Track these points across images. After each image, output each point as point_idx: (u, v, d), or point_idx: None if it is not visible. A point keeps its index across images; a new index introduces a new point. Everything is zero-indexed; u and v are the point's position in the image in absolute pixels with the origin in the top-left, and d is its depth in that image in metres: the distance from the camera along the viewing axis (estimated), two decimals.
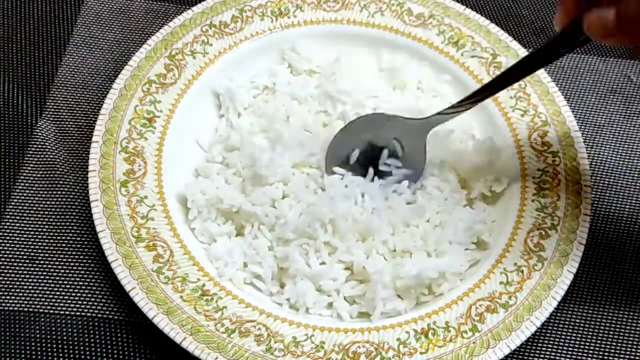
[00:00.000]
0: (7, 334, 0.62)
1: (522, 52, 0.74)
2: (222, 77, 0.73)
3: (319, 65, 0.75)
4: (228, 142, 0.69)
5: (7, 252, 0.66)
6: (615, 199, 0.72)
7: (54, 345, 0.62)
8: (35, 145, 0.72)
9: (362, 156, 0.67)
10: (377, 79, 0.75)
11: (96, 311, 0.63)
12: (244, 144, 0.68)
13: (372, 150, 0.67)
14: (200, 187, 0.65)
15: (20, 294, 0.64)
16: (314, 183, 0.67)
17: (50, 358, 0.61)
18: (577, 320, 0.65)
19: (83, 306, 0.63)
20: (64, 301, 0.63)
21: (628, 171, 0.74)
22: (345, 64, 0.73)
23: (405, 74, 0.74)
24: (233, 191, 0.65)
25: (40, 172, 0.70)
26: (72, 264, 0.65)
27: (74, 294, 0.64)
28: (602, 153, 0.75)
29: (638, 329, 0.65)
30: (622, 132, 0.77)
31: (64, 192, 0.69)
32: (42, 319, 0.63)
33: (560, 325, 0.65)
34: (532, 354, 0.64)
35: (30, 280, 0.64)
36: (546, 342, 0.64)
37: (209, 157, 0.70)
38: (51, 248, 0.66)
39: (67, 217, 0.68)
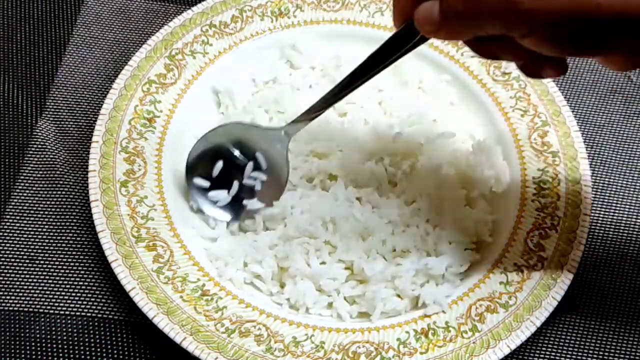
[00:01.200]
0: (7, 334, 0.62)
1: None
2: (222, 77, 0.73)
3: (320, 62, 0.75)
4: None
5: (7, 252, 0.66)
6: (615, 199, 0.72)
7: (54, 345, 0.62)
8: (35, 145, 0.72)
9: (225, 169, 0.65)
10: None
11: (96, 311, 0.63)
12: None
13: (235, 162, 0.65)
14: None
15: (20, 294, 0.64)
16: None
17: (50, 358, 0.61)
18: (577, 320, 0.65)
19: (83, 306, 0.63)
20: (64, 301, 0.63)
21: (628, 171, 0.74)
22: (347, 58, 0.73)
23: (406, 73, 0.74)
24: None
25: (40, 172, 0.70)
26: (72, 264, 0.65)
27: (74, 294, 0.64)
28: (602, 153, 0.75)
29: (638, 329, 0.65)
30: (622, 132, 0.77)
31: (64, 192, 0.69)
32: (42, 319, 0.63)
33: (560, 325, 0.65)
34: (532, 354, 0.64)
35: (30, 280, 0.64)
36: (546, 342, 0.64)
37: None
38: (51, 248, 0.66)
39: (67, 217, 0.68)
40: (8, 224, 0.67)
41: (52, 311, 0.63)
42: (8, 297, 0.63)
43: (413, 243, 0.64)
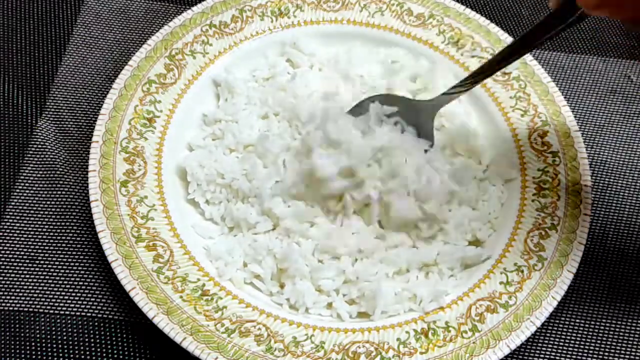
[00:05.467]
0: (7, 334, 0.62)
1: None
2: (222, 76, 0.73)
3: (320, 61, 0.75)
4: (216, 117, 0.71)
5: (7, 252, 0.66)
6: (615, 199, 0.72)
7: (54, 345, 0.62)
8: (35, 145, 0.72)
9: None
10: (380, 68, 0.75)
11: (96, 311, 0.63)
12: (239, 116, 0.69)
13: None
14: (198, 160, 0.67)
15: (20, 294, 0.64)
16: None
17: (50, 358, 0.61)
18: (577, 320, 0.65)
19: (83, 306, 0.63)
20: (64, 301, 0.63)
21: (628, 171, 0.74)
22: (347, 55, 0.74)
23: (404, 67, 0.74)
24: (232, 165, 0.66)
25: (40, 172, 0.70)
26: (72, 264, 0.65)
27: (74, 294, 0.64)
28: (602, 153, 0.75)
29: (638, 329, 0.65)
30: (622, 132, 0.77)
31: (64, 192, 0.69)
32: (42, 319, 0.63)
33: (560, 325, 0.65)
34: (532, 354, 0.64)
35: (30, 280, 0.64)
36: (546, 342, 0.64)
37: (203, 134, 0.71)
38: (51, 248, 0.66)
39: (67, 217, 0.68)
40: (8, 224, 0.67)
41: (52, 311, 0.63)
42: (8, 297, 0.63)
43: (412, 243, 0.64)
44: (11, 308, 0.63)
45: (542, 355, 0.64)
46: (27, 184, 0.69)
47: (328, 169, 0.63)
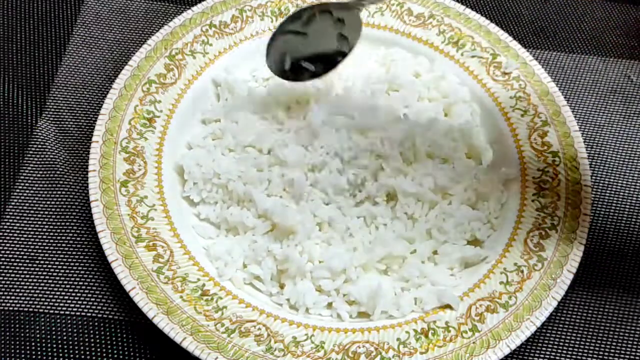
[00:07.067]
0: (7, 334, 0.62)
1: (522, 52, 0.75)
2: (222, 75, 0.73)
3: None
4: (216, 117, 0.71)
5: (7, 252, 0.66)
6: (615, 199, 0.72)
7: (54, 345, 0.62)
8: (35, 145, 0.72)
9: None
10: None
11: (96, 311, 0.63)
12: (239, 117, 0.69)
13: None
14: (196, 159, 0.67)
15: (20, 294, 0.64)
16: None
17: (50, 358, 0.61)
18: (577, 320, 0.65)
19: (83, 306, 0.63)
20: (64, 301, 0.63)
21: (628, 171, 0.74)
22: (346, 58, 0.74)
23: (402, 66, 0.74)
24: (229, 165, 0.66)
25: (40, 172, 0.70)
26: (72, 264, 0.65)
27: (74, 294, 0.64)
28: (602, 153, 0.75)
29: (638, 329, 0.65)
30: (622, 132, 0.77)
31: (64, 192, 0.69)
32: (42, 319, 0.63)
33: (560, 325, 0.65)
34: (532, 354, 0.64)
35: (30, 280, 0.64)
36: (546, 342, 0.64)
37: (203, 133, 0.71)
38: (51, 248, 0.66)
39: (67, 217, 0.68)
40: (8, 224, 0.67)
41: (52, 311, 0.63)
42: (8, 297, 0.63)
43: (412, 243, 0.64)
44: (11, 308, 0.63)
45: (542, 355, 0.64)
46: (27, 184, 0.69)
47: None
